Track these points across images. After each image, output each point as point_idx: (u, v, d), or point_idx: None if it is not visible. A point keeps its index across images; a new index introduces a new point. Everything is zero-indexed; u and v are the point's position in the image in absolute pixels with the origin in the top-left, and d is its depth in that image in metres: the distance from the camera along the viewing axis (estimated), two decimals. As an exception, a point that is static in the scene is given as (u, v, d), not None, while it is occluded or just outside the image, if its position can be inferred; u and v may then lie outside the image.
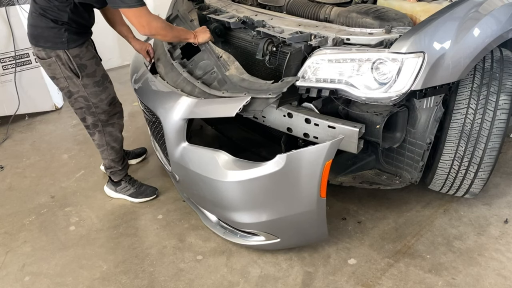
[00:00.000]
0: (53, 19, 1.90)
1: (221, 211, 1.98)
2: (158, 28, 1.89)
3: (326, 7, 2.10)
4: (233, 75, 1.94)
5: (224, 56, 2.04)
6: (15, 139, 3.25)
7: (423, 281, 1.81)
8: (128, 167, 2.43)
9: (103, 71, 2.12)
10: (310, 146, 1.59)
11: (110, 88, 2.15)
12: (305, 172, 1.63)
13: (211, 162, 1.78)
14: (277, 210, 1.77)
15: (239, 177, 1.72)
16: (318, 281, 1.84)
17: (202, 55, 2.12)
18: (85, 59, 2.00)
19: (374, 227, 2.13)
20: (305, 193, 1.68)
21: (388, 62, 1.64)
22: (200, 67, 2.09)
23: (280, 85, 1.78)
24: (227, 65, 2.00)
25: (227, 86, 1.89)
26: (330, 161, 1.60)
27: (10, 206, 2.47)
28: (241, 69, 1.97)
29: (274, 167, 1.63)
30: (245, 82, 1.88)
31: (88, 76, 2.03)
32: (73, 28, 1.94)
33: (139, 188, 2.40)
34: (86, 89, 2.05)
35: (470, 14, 1.74)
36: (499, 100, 1.82)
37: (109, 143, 2.25)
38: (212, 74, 2.02)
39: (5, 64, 3.33)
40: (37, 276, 1.97)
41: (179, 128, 1.89)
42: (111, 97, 2.15)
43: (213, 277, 1.89)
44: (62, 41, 1.92)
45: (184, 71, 2.04)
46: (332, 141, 1.56)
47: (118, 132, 2.27)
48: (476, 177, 1.98)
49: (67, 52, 1.95)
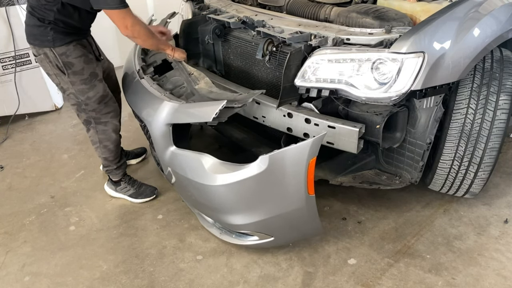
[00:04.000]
0: (39, 18, 1.92)
1: (212, 213, 1.98)
2: (141, 32, 1.96)
3: (326, 7, 2.10)
4: (202, 88, 2.00)
5: (195, 73, 2.11)
6: (15, 139, 3.25)
7: (423, 281, 1.81)
8: (125, 167, 2.42)
9: (93, 70, 2.08)
10: (292, 145, 1.57)
11: (99, 86, 2.10)
12: (290, 171, 1.61)
13: (198, 166, 1.78)
14: (267, 210, 1.76)
15: (225, 180, 1.71)
16: (318, 281, 1.84)
17: (174, 73, 2.19)
18: (72, 57, 1.99)
19: (374, 227, 2.13)
20: (293, 191, 1.67)
21: (388, 62, 1.65)
22: (171, 82, 2.14)
23: (246, 96, 1.81)
24: (197, 80, 2.06)
25: (195, 98, 1.93)
26: (314, 158, 1.58)
27: (10, 206, 2.47)
28: (210, 83, 2.03)
29: (258, 169, 1.62)
30: (213, 94, 1.93)
31: (74, 74, 2.02)
32: (59, 27, 1.94)
33: (138, 188, 2.40)
34: (73, 86, 2.05)
35: (470, 14, 1.74)
36: (499, 100, 1.82)
37: (102, 141, 2.23)
38: (181, 88, 2.06)
39: (5, 64, 3.33)
40: (37, 276, 1.97)
41: (164, 133, 1.89)
42: (99, 95, 2.11)
43: (213, 277, 1.89)
44: (48, 39, 1.94)
45: (153, 84, 2.06)
46: (313, 138, 1.54)
47: (111, 132, 2.23)
48: (476, 177, 1.98)
49: (53, 50, 1.96)
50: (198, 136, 2.92)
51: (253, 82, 2.24)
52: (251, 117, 2.03)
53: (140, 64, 2.29)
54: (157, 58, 2.37)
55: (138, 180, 2.44)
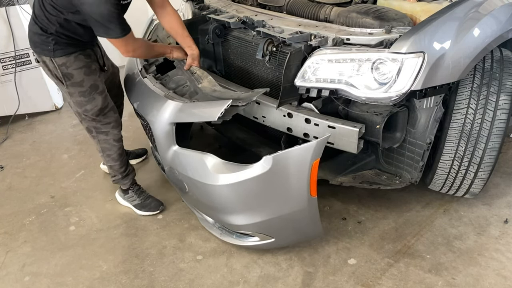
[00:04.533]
0: (41, 27, 1.89)
1: (214, 214, 1.98)
2: (142, 52, 2.01)
3: (326, 7, 2.10)
4: (205, 87, 1.98)
5: (198, 72, 2.10)
6: (15, 139, 3.25)
7: (423, 281, 1.81)
8: (133, 176, 2.36)
9: (94, 82, 2.02)
10: (296, 146, 1.58)
11: (98, 99, 2.05)
12: (293, 172, 1.62)
13: (200, 165, 1.78)
14: (269, 210, 1.76)
15: (228, 180, 1.71)
16: (318, 281, 1.84)
17: (176, 72, 2.18)
18: (72, 68, 1.94)
19: (374, 227, 2.13)
20: (295, 193, 1.67)
21: (388, 62, 1.64)
22: (173, 81, 2.13)
23: (250, 94, 1.81)
24: (200, 79, 2.05)
25: (198, 96, 1.92)
26: (317, 160, 1.58)
27: (10, 206, 2.47)
28: (214, 82, 2.01)
29: (261, 169, 1.62)
30: (217, 92, 1.92)
31: (73, 85, 1.98)
32: (62, 39, 1.90)
33: (145, 200, 2.34)
34: (72, 97, 2.02)
35: (470, 14, 1.74)
36: (499, 100, 1.82)
37: (104, 150, 2.21)
38: (184, 87, 2.06)
39: (5, 64, 3.33)
40: (37, 276, 1.97)
41: (167, 132, 1.88)
42: (97, 109, 2.06)
43: (213, 277, 1.89)
44: (48, 48, 1.90)
45: (156, 83, 2.05)
46: (317, 140, 1.55)
47: (113, 141, 2.19)
48: (476, 177, 1.98)
49: (52, 60, 1.92)
50: (198, 136, 2.92)
51: (253, 82, 2.23)
52: (251, 117, 2.03)
53: (142, 63, 2.29)
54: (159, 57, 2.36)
55: (146, 192, 2.38)
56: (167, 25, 2.18)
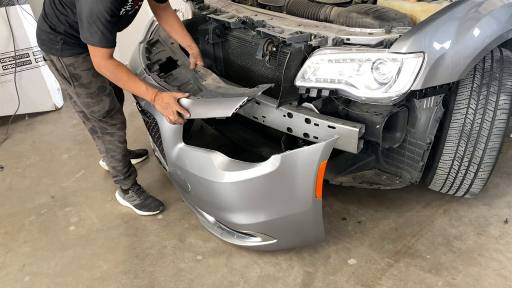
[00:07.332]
0: (51, 26, 1.87)
1: (217, 212, 1.98)
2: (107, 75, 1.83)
3: (326, 7, 2.10)
4: (209, 84, 1.98)
5: (202, 70, 2.09)
6: (15, 139, 3.25)
7: (423, 281, 1.81)
8: (135, 177, 2.36)
9: (102, 83, 2.00)
10: (305, 147, 1.58)
11: (105, 101, 2.03)
12: (300, 172, 1.62)
13: (207, 163, 1.78)
14: (273, 210, 1.76)
15: (235, 178, 1.71)
16: (318, 281, 1.84)
17: (180, 70, 2.18)
18: (80, 69, 1.92)
19: (374, 227, 2.13)
20: (301, 193, 1.68)
21: (388, 62, 1.65)
22: (177, 79, 2.13)
23: (254, 90, 1.80)
24: (204, 77, 2.05)
25: (203, 93, 1.92)
26: (325, 161, 1.59)
27: (10, 206, 2.47)
28: (218, 79, 2.01)
29: (269, 168, 1.63)
30: (221, 89, 1.92)
31: (81, 86, 1.96)
32: (70, 39, 1.88)
33: (145, 200, 2.33)
34: (79, 98, 2.00)
35: (470, 14, 1.74)
36: (499, 100, 1.82)
37: (109, 151, 2.20)
38: (188, 85, 2.05)
39: (5, 64, 3.33)
40: (37, 276, 1.97)
41: (175, 129, 1.89)
42: (105, 111, 2.04)
43: (213, 277, 1.89)
44: (56, 48, 1.88)
45: (161, 81, 2.04)
46: (327, 141, 1.55)
47: (118, 142, 2.19)
48: (476, 177, 1.98)
49: (60, 59, 1.90)
50: (198, 136, 2.92)
51: (253, 82, 2.23)
52: (251, 117, 2.03)
53: (145, 62, 2.28)
54: (162, 56, 2.35)
55: (146, 192, 2.38)
56: (167, 26, 2.18)
